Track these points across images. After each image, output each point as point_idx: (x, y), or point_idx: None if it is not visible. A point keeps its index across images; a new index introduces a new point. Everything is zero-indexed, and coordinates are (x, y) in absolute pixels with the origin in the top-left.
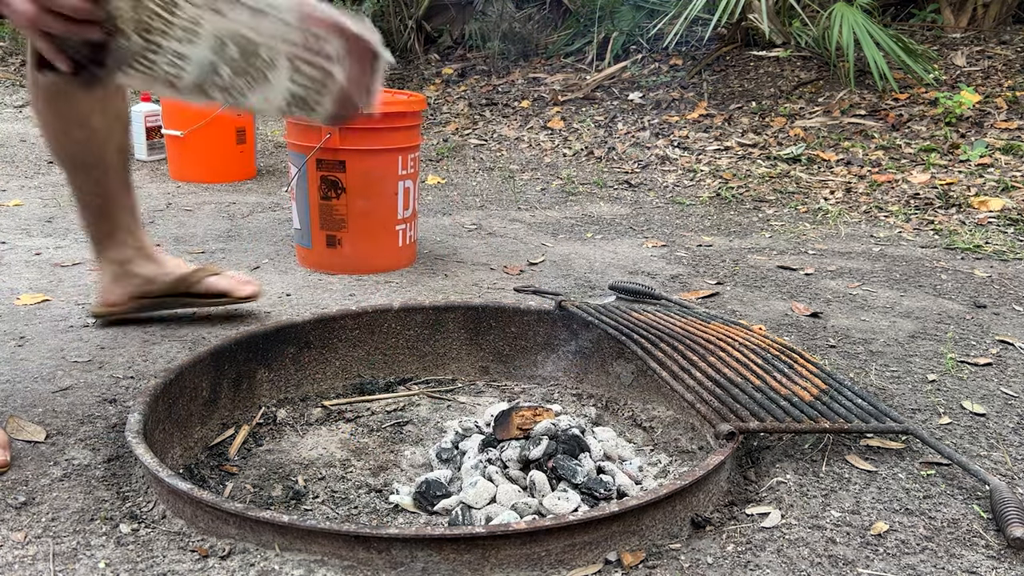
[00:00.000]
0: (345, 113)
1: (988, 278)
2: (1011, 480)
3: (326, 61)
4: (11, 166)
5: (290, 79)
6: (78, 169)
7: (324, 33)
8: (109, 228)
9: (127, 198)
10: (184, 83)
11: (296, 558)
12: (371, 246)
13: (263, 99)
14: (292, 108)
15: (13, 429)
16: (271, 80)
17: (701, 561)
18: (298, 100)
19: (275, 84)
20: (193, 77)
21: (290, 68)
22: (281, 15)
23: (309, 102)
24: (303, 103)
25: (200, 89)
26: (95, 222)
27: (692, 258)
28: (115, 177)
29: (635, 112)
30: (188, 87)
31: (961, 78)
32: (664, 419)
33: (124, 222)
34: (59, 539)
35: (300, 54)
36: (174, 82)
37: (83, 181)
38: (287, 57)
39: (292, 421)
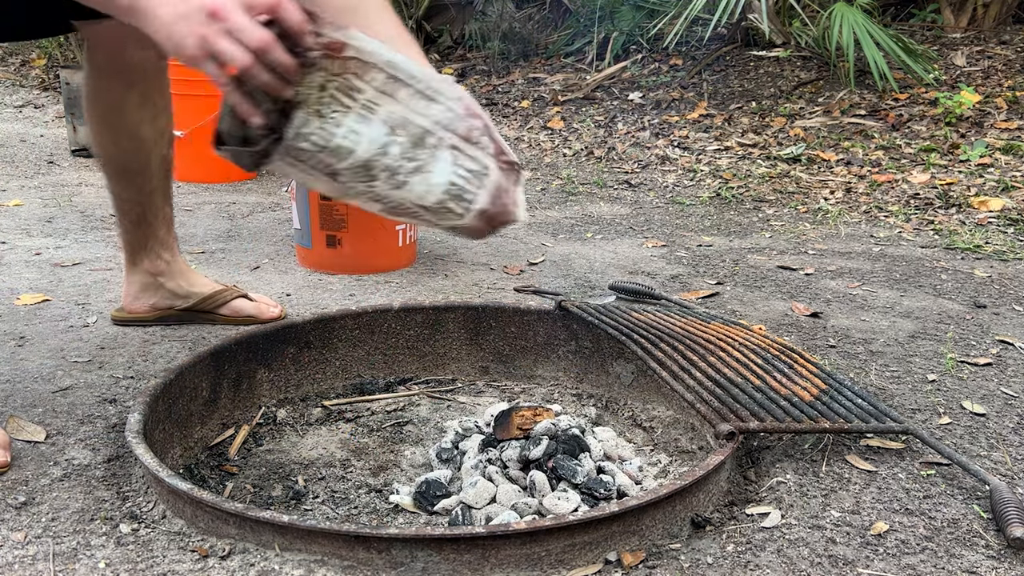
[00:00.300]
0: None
1: (988, 278)
2: (1011, 480)
3: (483, 154)
4: (11, 166)
5: (452, 167)
6: (122, 176)
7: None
8: (144, 238)
9: (166, 209)
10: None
11: (296, 558)
12: (371, 246)
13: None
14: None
15: (13, 429)
16: (434, 167)
17: (701, 561)
18: (456, 192)
19: (437, 172)
20: (364, 153)
21: (452, 157)
22: (449, 103)
23: (465, 195)
24: (459, 196)
25: (366, 169)
26: (132, 230)
27: (692, 258)
28: (157, 186)
29: (635, 112)
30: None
31: (961, 78)
32: (664, 419)
33: (160, 233)
34: (59, 539)
35: (461, 145)
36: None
37: (125, 188)
38: (450, 145)
39: (292, 421)
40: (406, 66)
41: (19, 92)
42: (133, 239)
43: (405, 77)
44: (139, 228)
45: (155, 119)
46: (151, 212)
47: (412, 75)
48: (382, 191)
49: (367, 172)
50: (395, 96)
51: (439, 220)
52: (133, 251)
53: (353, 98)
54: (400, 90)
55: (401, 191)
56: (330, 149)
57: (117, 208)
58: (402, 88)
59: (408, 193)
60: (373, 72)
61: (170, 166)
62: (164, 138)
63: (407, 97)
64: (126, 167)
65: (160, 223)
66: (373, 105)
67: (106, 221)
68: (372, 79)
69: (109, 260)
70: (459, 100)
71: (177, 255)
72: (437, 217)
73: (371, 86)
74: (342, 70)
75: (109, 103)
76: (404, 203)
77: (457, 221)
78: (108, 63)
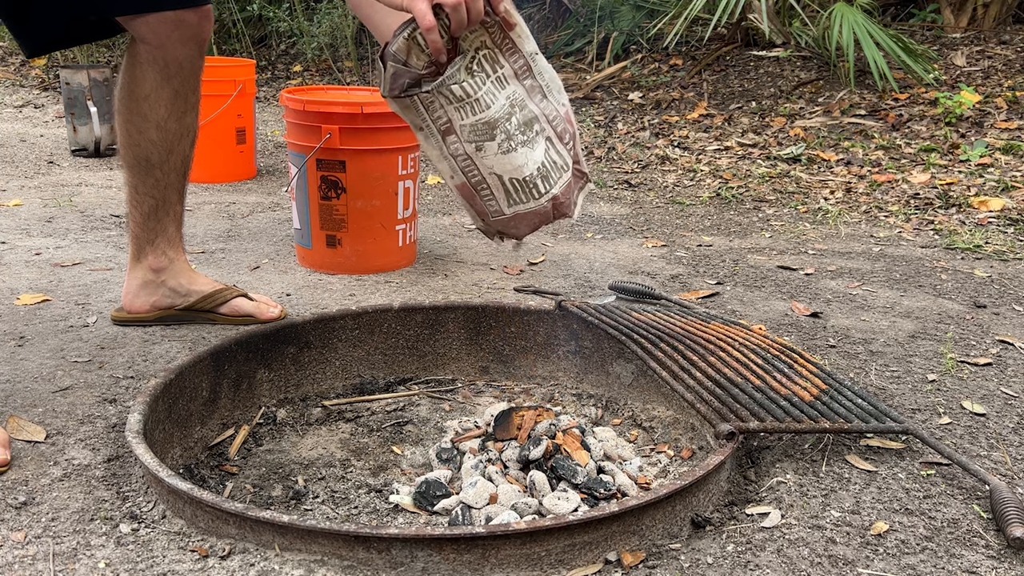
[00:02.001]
0: (561, 206)
1: (988, 278)
2: (1011, 480)
3: (567, 153)
4: (11, 166)
5: (545, 153)
6: (142, 167)
7: (570, 135)
8: (153, 233)
9: (178, 206)
10: (486, 115)
11: (296, 558)
12: (371, 246)
13: (525, 156)
14: (537, 177)
15: (13, 429)
16: (535, 147)
17: (701, 561)
18: (544, 173)
19: (537, 151)
20: (496, 112)
21: (547, 147)
22: (556, 105)
23: (549, 179)
24: (546, 178)
25: (490, 127)
26: (143, 223)
27: (692, 258)
28: (174, 181)
29: (635, 112)
30: (482, 122)
31: (961, 78)
32: (664, 419)
33: (169, 230)
34: (59, 539)
35: (554, 140)
36: (478, 112)
37: (142, 181)
38: (546, 138)
39: (292, 421)
40: (540, 62)
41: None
42: (142, 233)
43: (535, 70)
44: (149, 222)
45: (184, 115)
46: (163, 207)
47: (541, 72)
48: (488, 153)
49: (489, 131)
50: (522, 81)
51: (515, 196)
52: (139, 246)
53: (494, 69)
54: (528, 79)
55: (507, 156)
56: (473, 100)
57: (130, 199)
58: (530, 78)
59: (511, 160)
60: (517, 56)
61: (188, 165)
62: (188, 136)
63: (530, 86)
64: (147, 158)
65: (170, 220)
66: (504, 81)
67: (106, 221)
68: (514, 61)
69: (109, 260)
70: (564, 105)
71: (181, 254)
72: (517, 193)
73: (510, 66)
74: (498, 43)
75: (144, 93)
76: (498, 170)
77: (532, 202)
78: (149, 56)
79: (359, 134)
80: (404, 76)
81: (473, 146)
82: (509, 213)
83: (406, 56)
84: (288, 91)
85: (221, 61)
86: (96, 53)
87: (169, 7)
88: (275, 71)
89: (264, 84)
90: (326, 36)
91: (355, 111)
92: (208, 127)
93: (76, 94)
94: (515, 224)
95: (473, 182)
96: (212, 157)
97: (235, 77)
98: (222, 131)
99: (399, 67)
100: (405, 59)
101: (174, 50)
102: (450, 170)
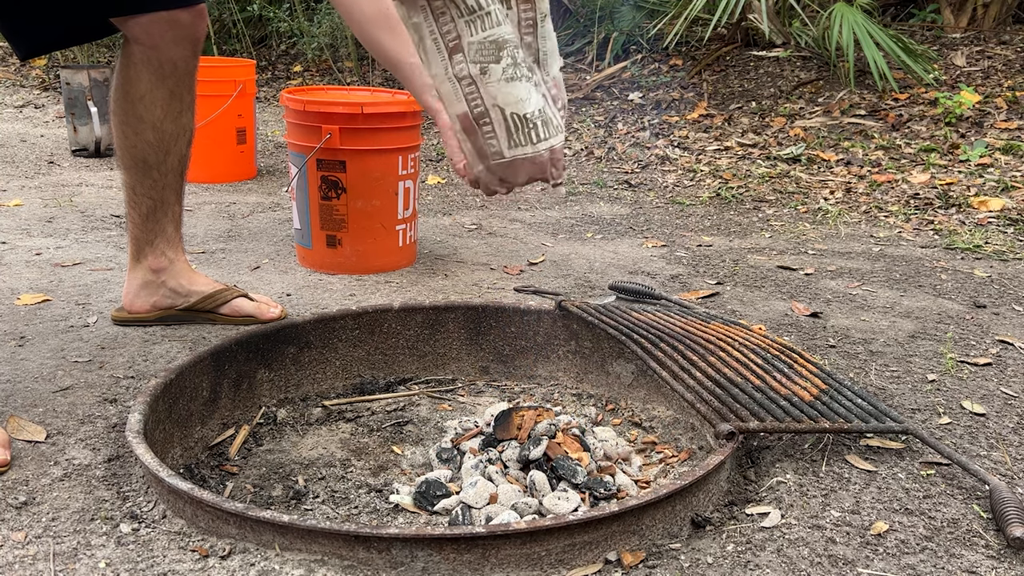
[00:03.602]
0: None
1: (988, 278)
2: (1011, 480)
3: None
4: (11, 166)
5: (542, 103)
6: (139, 168)
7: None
8: (152, 233)
9: (176, 207)
10: (495, 33)
11: (296, 558)
12: (371, 246)
13: (527, 92)
14: (538, 119)
15: (13, 429)
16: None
17: (701, 561)
18: (544, 119)
19: (534, 95)
20: (505, 33)
21: (543, 101)
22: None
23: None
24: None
25: (497, 48)
26: (141, 223)
27: (692, 258)
28: (171, 181)
29: (635, 112)
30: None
31: (961, 78)
32: (664, 419)
33: (168, 231)
34: (59, 539)
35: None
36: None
37: (140, 181)
38: (542, 94)
39: (292, 421)
40: (548, 26)
41: (19, 92)
42: (141, 234)
43: (539, 32)
44: (148, 223)
45: (180, 115)
46: (162, 208)
47: (544, 36)
48: (493, 79)
49: (496, 51)
50: (521, 35)
51: (515, 136)
52: (139, 246)
53: (509, 5)
54: (528, 35)
55: (510, 85)
56: (484, 13)
57: (128, 200)
58: (531, 35)
59: (514, 90)
60: (529, 7)
61: (186, 165)
62: (185, 136)
63: (529, 42)
64: (144, 159)
65: (169, 220)
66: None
67: (106, 221)
68: (525, 11)
69: (109, 260)
70: (555, 75)
71: (181, 254)
72: (517, 132)
73: (517, 13)
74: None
75: (139, 94)
76: (501, 100)
77: (530, 147)
78: (143, 57)
79: (359, 134)
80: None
81: (478, 68)
82: (508, 156)
83: None
84: (288, 91)
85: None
86: (96, 53)
87: (162, 7)
88: (275, 71)
89: (264, 84)
90: (326, 36)
91: (355, 111)
92: (208, 127)
93: (76, 94)
94: (513, 171)
95: (475, 113)
96: (212, 157)
97: (235, 77)
98: (222, 131)
99: None
100: None
101: (168, 50)
102: (453, 94)
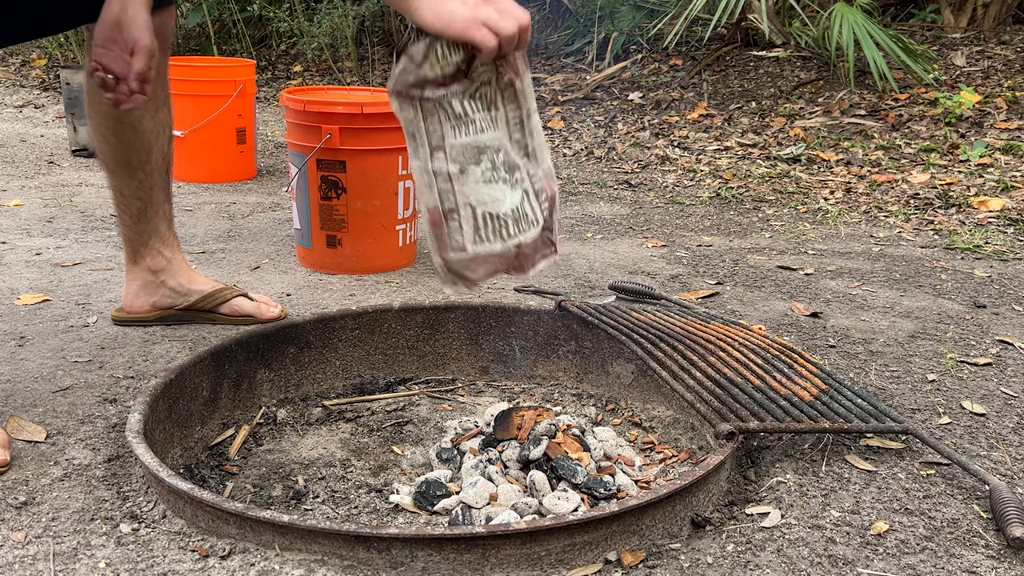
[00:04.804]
0: (522, 259)
1: (988, 278)
2: (1011, 480)
3: (539, 211)
4: (11, 166)
5: (522, 200)
6: (123, 170)
7: (546, 195)
8: (145, 234)
9: (166, 205)
10: (477, 140)
11: (296, 558)
12: (371, 246)
13: (503, 193)
14: (509, 219)
15: (13, 429)
16: (515, 188)
17: (701, 561)
18: (517, 217)
19: (515, 194)
20: (487, 140)
21: (523, 196)
22: (537, 167)
23: (521, 224)
24: (518, 222)
25: (478, 151)
26: (133, 225)
27: (692, 258)
28: (157, 182)
29: (635, 112)
30: (472, 145)
31: (961, 78)
32: (664, 419)
33: (161, 229)
34: (59, 539)
35: (531, 195)
36: (470, 134)
37: (126, 183)
38: (523, 189)
39: (292, 421)
40: (534, 121)
41: (19, 92)
42: (134, 235)
43: (527, 128)
44: (139, 223)
45: (156, 112)
46: (152, 208)
47: (532, 131)
48: (470, 179)
49: (476, 155)
50: (511, 133)
51: (482, 232)
52: (134, 248)
53: (490, 109)
54: (517, 133)
55: (487, 187)
56: (470, 120)
57: (118, 203)
58: (519, 133)
59: (491, 191)
60: (512, 108)
61: (170, 162)
62: (165, 132)
63: (518, 139)
64: (128, 160)
65: (160, 219)
66: (494, 123)
67: (106, 221)
68: (509, 110)
69: (109, 260)
70: (545, 168)
71: (178, 253)
72: (485, 228)
73: (504, 114)
74: (502, 88)
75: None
76: (475, 199)
77: (499, 243)
78: None
79: (359, 134)
80: (412, 74)
81: (457, 167)
82: (471, 252)
83: (422, 59)
84: (288, 91)
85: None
86: None
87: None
88: (275, 71)
89: (264, 84)
90: (326, 36)
91: (355, 111)
92: (208, 127)
93: (76, 94)
94: (474, 266)
95: (445, 208)
96: (212, 157)
97: (235, 77)
98: (222, 131)
99: (410, 65)
100: (420, 61)
101: None
102: (427, 187)
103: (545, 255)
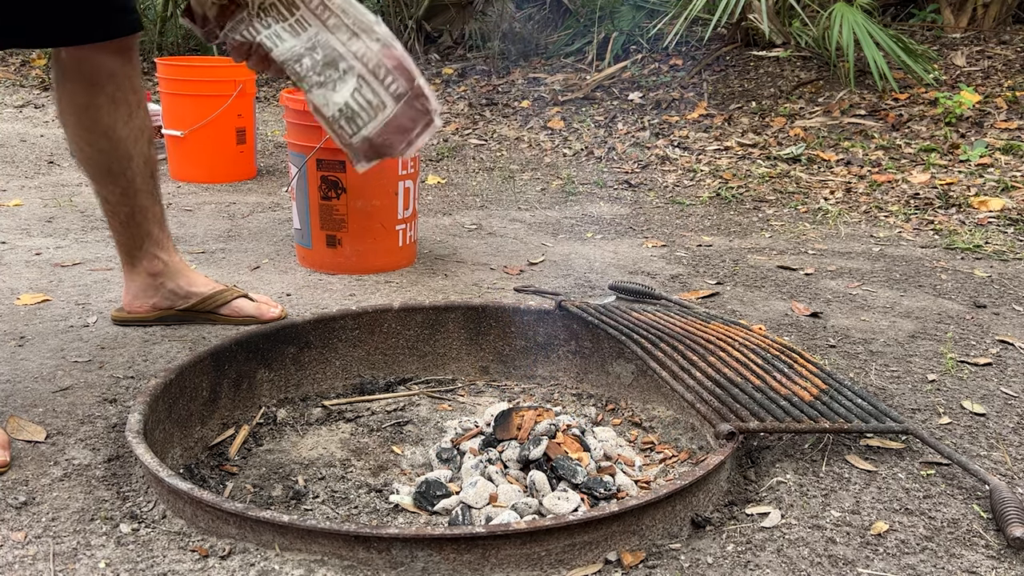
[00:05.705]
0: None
1: (988, 278)
2: (1011, 480)
3: (386, 93)
4: (11, 166)
5: (352, 93)
6: (105, 177)
7: (395, 71)
8: (137, 238)
9: (155, 208)
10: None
11: (296, 558)
12: (371, 246)
13: (324, 97)
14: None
15: (13, 429)
16: (337, 88)
17: (701, 561)
18: (349, 113)
19: (339, 92)
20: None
21: (356, 84)
22: (369, 43)
23: (357, 120)
24: (352, 119)
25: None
26: (123, 231)
27: (692, 258)
28: (142, 186)
29: (635, 112)
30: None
31: (961, 78)
32: (664, 419)
33: (153, 232)
34: (59, 539)
35: (368, 78)
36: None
37: (110, 191)
38: (358, 75)
39: (292, 421)
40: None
41: (19, 92)
42: (126, 240)
43: (337, 9)
44: (129, 229)
45: (130, 118)
46: (139, 212)
47: (344, 10)
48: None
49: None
50: (325, 22)
51: (334, 132)
52: (129, 253)
53: (291, 12)
54: (330, 18)
55: (309, 95)
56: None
57: (105, 210)
58: (332, 17)
59: (312, 98)
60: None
61: (153, 165)
62: (143, 136)
63: (334, 25)
64: (108, 168)
65: (151, 222)
66: (304, 23)
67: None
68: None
69: (109, 260)
70: (378, 42)
71: (174, 254)
72: (331, 129)
73: (306, 7)
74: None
75: (79, 105)
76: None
77: (346, 139)
78: (73, 66)
79: None
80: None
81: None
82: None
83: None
84: (288, 91)
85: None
86: None
87: (98, 39)
88: None
89: (264, 84)
90: None
91: None
92: (208, 127)
93: None
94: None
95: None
96: (212, 157)
97: (235, 77)
98: (222, 131)
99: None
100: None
101: (98, 60)
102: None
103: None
